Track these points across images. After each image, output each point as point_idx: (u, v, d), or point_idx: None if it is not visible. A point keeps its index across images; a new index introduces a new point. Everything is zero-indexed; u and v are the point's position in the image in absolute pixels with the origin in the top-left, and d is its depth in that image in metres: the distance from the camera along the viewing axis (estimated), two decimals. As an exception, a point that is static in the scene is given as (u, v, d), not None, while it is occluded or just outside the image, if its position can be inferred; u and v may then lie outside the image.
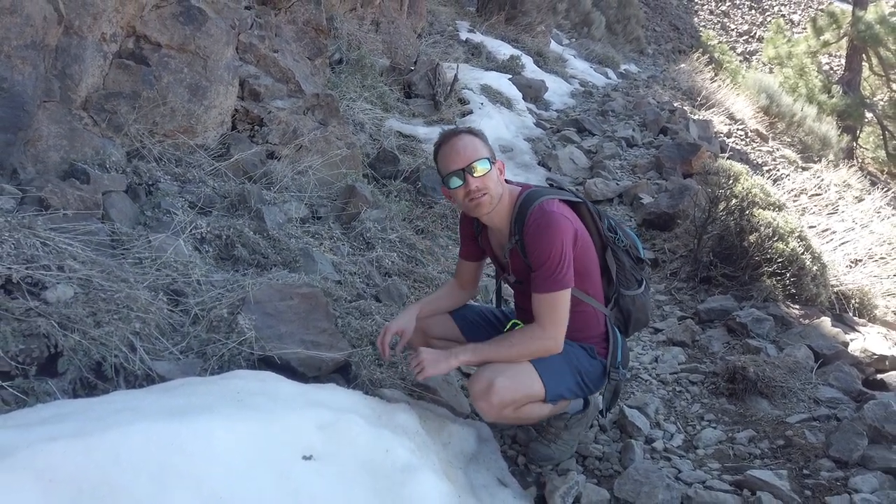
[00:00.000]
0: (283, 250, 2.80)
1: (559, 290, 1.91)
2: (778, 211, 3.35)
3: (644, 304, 2.22)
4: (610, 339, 2.13)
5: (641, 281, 2.21)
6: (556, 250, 1.89)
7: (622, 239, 2.17)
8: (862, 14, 13.77)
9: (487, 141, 2.03)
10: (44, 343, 1.60)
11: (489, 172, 1.96)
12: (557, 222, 1.92)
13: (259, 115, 3.73)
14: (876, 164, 14.47)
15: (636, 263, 2.21)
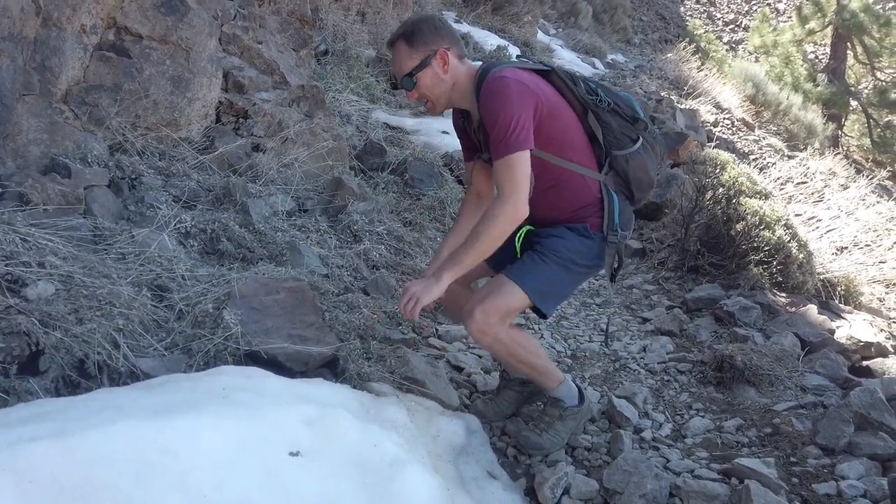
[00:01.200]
0: (270, 244, 2.78)
1: (513, 152, 1.87)
2: (764, 199, 3.37)
3: (642, 163, 2.11)
4: (605, 205, 2.08)
5: (637, 139, 2.11)
6: (505, 113, 1.87)
7: (604, 99, 2.09)
8: (846, 2, 13.84)
9: (424, 33, 1.99)
10: (25, 341, 1.57)
11: (418, 84, 1.99)
12: (507, 86, 1.90)
13: (244, 107, 3.69)
14: (861, 152, 14.58)
15: (631, 123, 2.11)
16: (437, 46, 1.99)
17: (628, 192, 2.14)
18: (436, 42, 2.00)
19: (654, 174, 2.17)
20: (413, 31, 2.00)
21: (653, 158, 2.14)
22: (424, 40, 1.99)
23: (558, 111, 2.01)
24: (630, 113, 2.11)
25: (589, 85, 2.11)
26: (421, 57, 1.98)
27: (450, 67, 2.01)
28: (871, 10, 13.71)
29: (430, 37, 2.00)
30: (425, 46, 1.99)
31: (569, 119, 2.05)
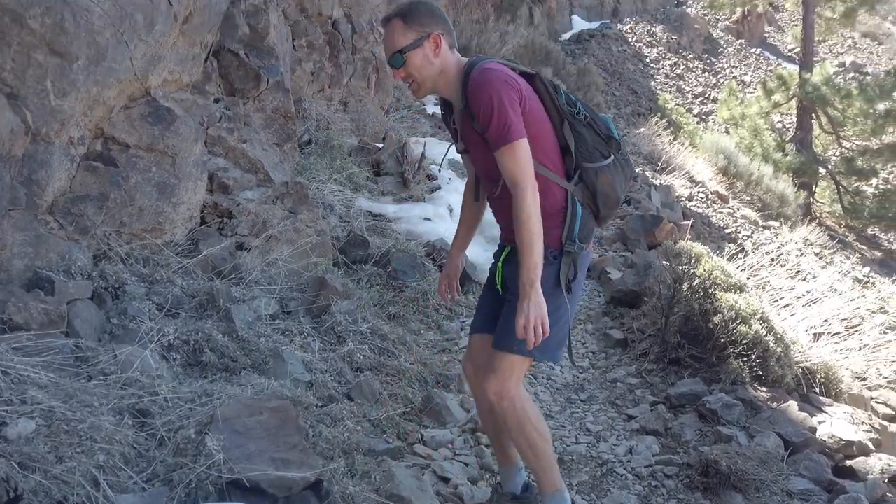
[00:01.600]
0: (253, 351, 2.78)
1: (516, 139, 1.96)
2: (739, 292, 3.45)
3: (611, 179, 2.13)
4: (568, 213, 2.10)
5: (608, 156, 2.14)
6: (496, 101, 1.94)
7: (582, 112, 2.13)
8: (808, 76, 14.50)
9: (418, 15, 2.06)
10: (3, 487, 1.55)
11: (407, 63, 2.03)
12: (495, 77, 1.98)
13: (228, 207, 3.75)
14: (833, 218, 14.97)
15: (605, 140, 2.15)
16: (431, 30, 2.05)
17: (594, 206, 2.16)
18: (431, 26, 2.06)
19: (621, 193, 2.19)
20: (410, 11, 2.06)
21: (621, 177, 2.18)
22: (420, 21, 2.05)
23: (537, 113, 2.08)
24: (605, 131, 2.16)
25: (569, 97, 2.16)
26: (414, 37, 2.04)
27: (441, 52, 2.06)
28: (832, 83, 14.37)
29: (427, 19, 2.06)
30: (420, 27, 2.04)
31: (544, 124, 2.10)
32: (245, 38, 4.67)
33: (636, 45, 20.84)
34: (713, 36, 23.87)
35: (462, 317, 4.22)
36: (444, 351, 3.73)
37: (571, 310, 2.17)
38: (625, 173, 2.20)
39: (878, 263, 13.01)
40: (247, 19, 4.70)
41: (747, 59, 23.21)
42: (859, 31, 27.90)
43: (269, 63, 4.79)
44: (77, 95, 2.74)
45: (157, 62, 3.18)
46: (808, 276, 7.50)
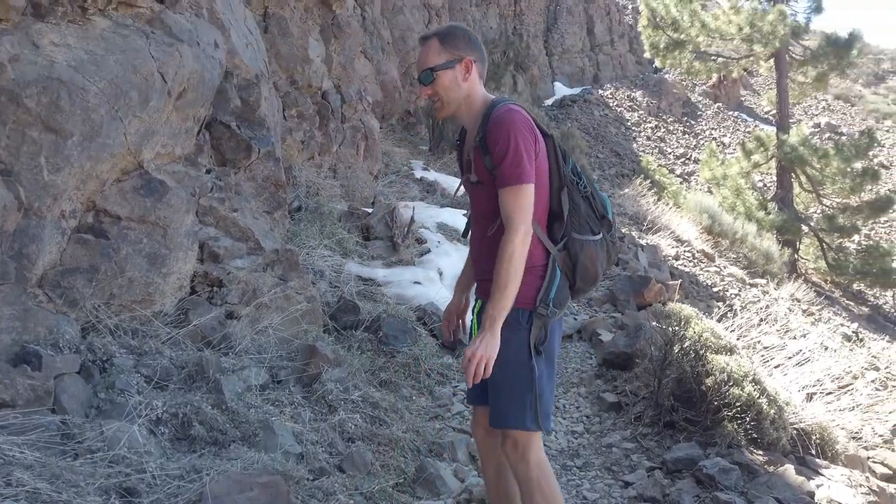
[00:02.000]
0: (242, 423, 2.73)
1: (523, 183, 2.00)
2: (729, 354, 3.46)
3: (594, 255, 2.14)
4: (547, 275, 2.10)
5: (598, 233, 2.17)
6: (515, 141, 1.99)
7: (585, 185, 2.17)
8: (785, 137, 14.93)
9: (455, 40, 2.13)
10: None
11: (438, 80, 2.10)
12: (518, 118, 2.04)
13: (218, 276, 3.76)
14: (819, 275, 15.13)
15: (598, 218, 2.18)
16: (464, 55, 2.13)
17: (572, 277, 2.16)
18: (465, 51, 2.14)
19: (601, 270, 2.21)
20: (449, 34, 2.16)
21: (603, 256, 2.19)
22: (456, 44, 2.13)
23: (542, 170, 2.11)
24: (600, 209, 2.20)
25: (576, 167, 2.21)
26: (448, 58, 2.11)
27: (470, 78, 2.14)
28: (809, 144, 14.79)
29: (462, 44, 2.15)
30: (455, 50, 2.12)
31: (544, 183, 2.13)
32: (237, 111, 4.78)
33: (617, 110, 21.47)
34: (691, 100, 24.68)
35: (454, 381, 4.19)
36: (437, 418, 3.68)
37: (546, 374, 2.14)
38: (609, 254, 2.22)
39: (866, 319, 13.09)
40: (238, 93, 4.82)
41: (725, 122, 23.94)
42: (832, 94, 28.97)
43: (259, 134, 4.90)
44: (70, 170, 2.79)
45: (150, 136, 3.24)
46: (797, 335, 7.52)
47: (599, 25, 25.65)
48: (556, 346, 2.22)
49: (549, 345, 2.13)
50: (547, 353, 2.13)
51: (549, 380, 2.15)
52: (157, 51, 3.25)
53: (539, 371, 2.10)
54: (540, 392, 2.10)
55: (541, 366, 2.11)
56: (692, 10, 15.13)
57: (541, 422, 2.11)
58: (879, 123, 28.03)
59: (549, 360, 2.15)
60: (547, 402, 2.14)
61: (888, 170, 23.34)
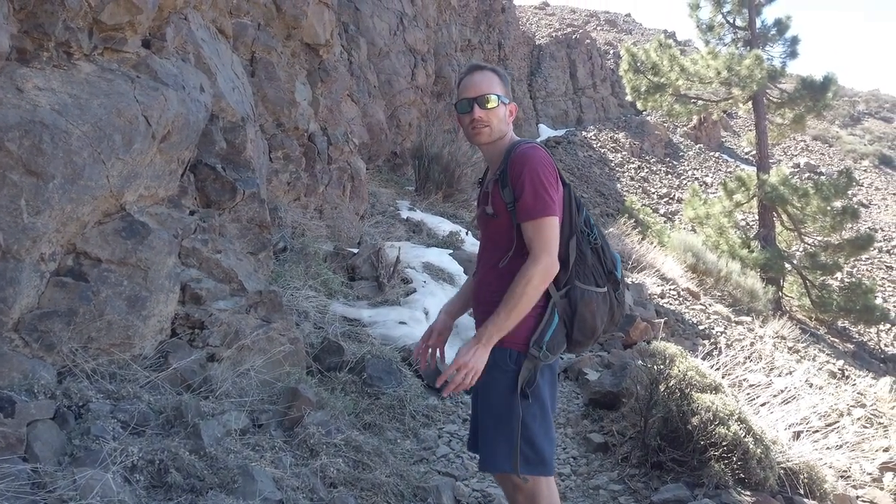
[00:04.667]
0: (221, 469, 2.66)
1: (548, 215, 2.02)
2: (715, 393, 3.45)
3: (594, 308, 2.09)
4: (544, 318, 2.08)
5: (602, 287, 2.15)
6: (539, 176, 2.03)
7: (596, 237, 2.17)
8: (766, 177, 15.20)
9: (508, 83, 2.27)
10: None
11: (496, 108, 2.18)
12: (542, 156, 2.09)
13: (200, 318, 3.71)
14: (803, 312, 15.24)
15: (605, 273, 2.16)
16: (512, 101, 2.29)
17: (570, 325, 2.12)
18: (513, 95, 2.30)
19: (600, 325, 2.16)
20: (505, 76, 2.30)
21: (604, 310, 2.15)
22: (510, 87, 2.30)
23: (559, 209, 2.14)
24: (609, 265, 2.19)
25: (589, 220, 2.22)
26: (507, 94, 2.25)
27: (511, 120, 2.27)
28: (789, 184, 15.06)
29: (510, 90, 2.30)
30: (510, 91, 2.28)
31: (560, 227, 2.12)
32: (222, 153, 4.81)
33: (601, 151, 21.83)
34: (673, 141, 25.17)
35: (439, 423, 4.14)
36: (422, 461, 3.62)
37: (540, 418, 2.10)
38: (612, 311, 2.18)
39: (851, 356, 13.15)
40: (224, 135, 4.86)
41: (707, 162, 24.38)
42: (810, 135, 29.69)
43: (245, 175, 4.92)
44: (51, 213, 2.77)
45: (133, 179, 3.24)
46: (783, 372, 7.53)
47: (582, 70, 26.27)
48: (550, 391, 2.17)
49: (538, 389, 2.10)
50: (537, 396, 2.10)
51: (542, 424, 2.12)
52: (142, 95, 3.28)
53: (530, 414, 2.08)
54: (531, 437, 2.07)
55: (532, 409, 2.08)
56: (671, 55, 15.55)
57: (535, 467, 2.07)
58: (857, 163, 28.71)
59: (541, 403, 2.12)
60: (542, 447, 2.10)
61: (867, 208, 23.80)
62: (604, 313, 2.14)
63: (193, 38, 4.26)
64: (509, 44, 22.54)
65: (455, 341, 6.02)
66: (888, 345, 15.13)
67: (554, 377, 2.21)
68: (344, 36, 12.01)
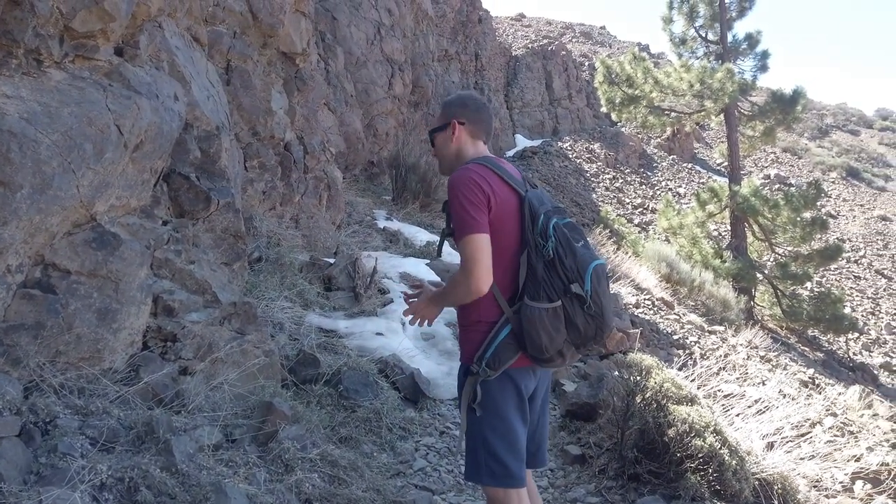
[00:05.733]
0: (193, 486, 2.61)
1: (466, 234, 2.05)
2: (690, 404, 3.47)
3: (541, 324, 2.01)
4: (490, 334, 2.11)
5: (556, 300, 2.04)
6: (458, 199, 2.09)
7: (549, 250, 2.06)
8: (737, 188, 15.44)
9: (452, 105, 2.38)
10: None
11: (435, 141, 2.39)
12: (465, 176, 2.13)
13: (172, 330, 3.64)
14: (774, 321, 15.47)
15: (563, 286, 2.05)
16: (454, 118, 2.33)
17: (521, 342, 2.09)
18: (456, 114, 2.34)
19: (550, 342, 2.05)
20: (447, 102, 2.42)
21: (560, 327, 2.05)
22: (450, 110, 2.37)
23: (505, 225, 2.13)
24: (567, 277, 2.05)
25: (548, 230, 2.09)
26: (442, 122, 2.36)
27: (457, 139, 2.33)
28: (760, 195, 15.31)
29: (455, 109, 2.36)
30: (448, 115, 2.36)
31: (509, 240, 2.13)
32: (196, 162, 4.74)
33: (576, 161, 22.02)
34: (647, 152, 25.49)
35: (416, 436, 4.10)
36: (399, 475, 3.58)
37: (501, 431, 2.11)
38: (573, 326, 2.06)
39: (821, 364, 13.37)
40: (198, 144, 4.79)
41: (680, 173, 24.73)
42: (780, 147, 30.30)
43: (219, 185, 4.85)
44: (18, 224, 2.70)
45: (104, 189, 3.18)
46: (756, 382, 7.62)
47: (557, 81, 26.51)
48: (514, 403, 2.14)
49: (493, 402, 2.11)
50: (492, 410, 2.11)
51: (504, 437, 2.11)
52: (114, 103, 3.22)
53: (489, 427, 2.11)
54: (493, 450, 2.09)
55: (491, 423, 2.11)
56: (645, 68, 15.76)
57: (501, 480, 2.09)
58: (825, 175, 29.34)
59: (501, 417, 2.12)
60: (505, 460, 2.10)
61: (835, 219, 24.32)
62: (553, 329, 2.05)
63: (167, 45, 4.21)
64: (486, 54, 22.68)
65: (432, 352, 6.01)
66: (856, 353, 15.44)
67: (519, 390, 2.17)
68: (321, 45, 11.98)
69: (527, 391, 2.19)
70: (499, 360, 2.09)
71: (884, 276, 20.98)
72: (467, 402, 2.13)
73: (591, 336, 2.10)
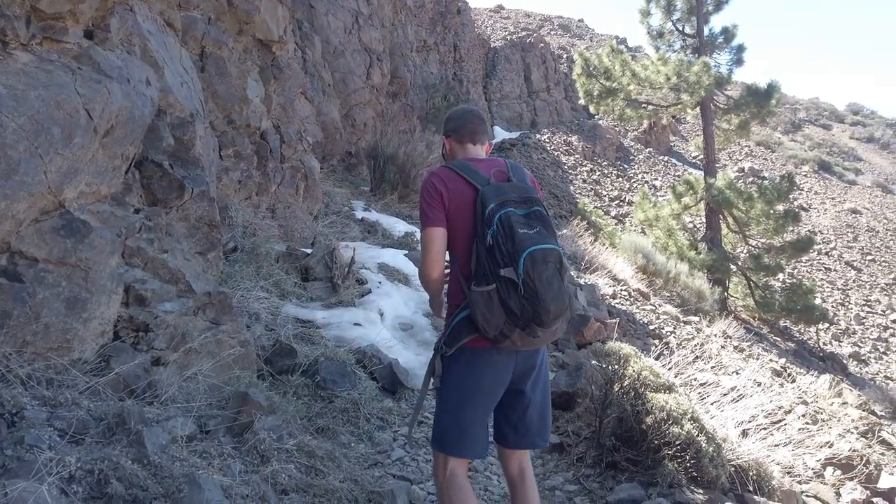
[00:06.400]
0: (166, 478, 2.55)
1: (423, 228, 2.37)
2: (668, 392, 3.49)
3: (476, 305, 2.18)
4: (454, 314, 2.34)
5: (490, 283, 2.17)
6: (420, 198, 2.41)
7: (488, 237, 2.20)
8: (712, 181, 15.60)
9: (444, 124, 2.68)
10: None
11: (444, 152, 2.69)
12: (426, 180, 2.44)
13: (145, 320, 3.57)
14: (747, 312, 15.69)
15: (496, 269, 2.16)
16: (444, 135, 2.68)
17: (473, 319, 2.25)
18: (445, 131, 2.67)
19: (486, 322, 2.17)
20: (445, 119, 2.70)
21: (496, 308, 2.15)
22: (446, 125, 2.68)
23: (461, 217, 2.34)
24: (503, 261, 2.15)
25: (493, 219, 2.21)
26: (443, 134, 2.70)
27: (450, 151, 2.65)
28: (734, 188, 15.48)
29: (444, 127, 2.68)
30: (444, 130, 2.68)
31: (466, 231, 2.33)
32: (170, 149, 4.64)
33: (554, 153, 22.07)
34: (624, 145, 25.65)
35: (394, 426, 4.08)
36: (376, 465, 3.55)
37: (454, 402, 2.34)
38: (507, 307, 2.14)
39: (793, 354, 13.61)
40: (172, 131, 4.69)
41: (657, 166, 24.93)
42: (754, 140, 30.70)
43: (193, 173, 4.76)
44: (-18, 209, 2.61)
45: (73, 175, 3.09)
46: (730, 371, 7.72)
47: (536, 73, 26.53)
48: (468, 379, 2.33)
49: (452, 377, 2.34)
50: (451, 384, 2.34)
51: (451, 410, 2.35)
52: (84, 87, 3.13)
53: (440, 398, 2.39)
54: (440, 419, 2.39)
55: (443, 394, 2.38)
56: (623, 61, 15.81)
57: (435, 443, 2.40)
58: (798, 168, 29.81)
59: (452, 390, 2.34)
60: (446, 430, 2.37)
61: (807, 212, 24.74)
62: (488, 311, 2.17)
63: (139, 30, 4.10)
64: (465, 45, 22.61)
65: (411, 342, 5.98)
66: (826, 343, 15.73)
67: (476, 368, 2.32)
68: (298, 33, 11.82)
69: (490, 371, 2.30)
70: (454, 338, 2.31)
71: (853, 267, 21.41)
72: (429, 375, 2.41)
73: (530, 318, 2.15)
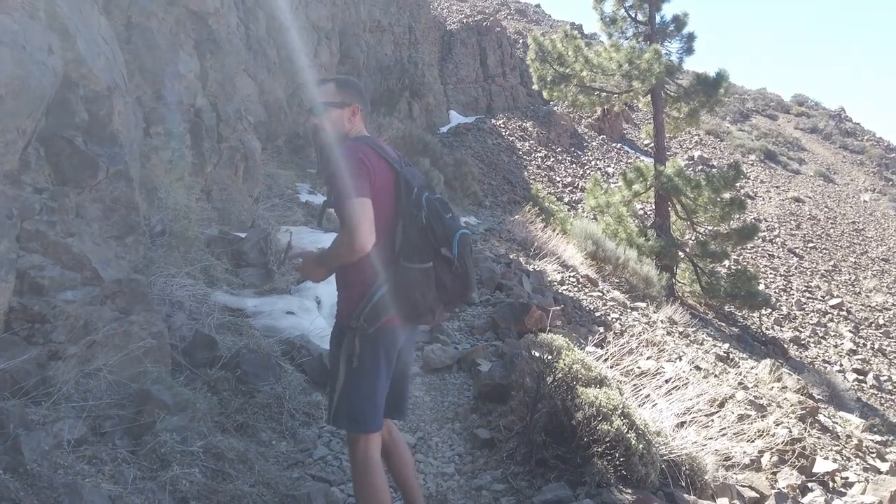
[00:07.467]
0: (44, 488, 2.30)
1: (344, 199, 2.25)
2: (599, 387, 3.38)
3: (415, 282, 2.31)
4: (367, 294, 2.34)
5: (429, 262, 2.35)
6: (339, 168, 2.28)
7: (422, 218, 2.34)
8: (662, 168, 15.73)
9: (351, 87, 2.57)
10: None
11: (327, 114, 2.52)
12: (347, 150, 2.34)
13: (41, 311, 3.27)
14: (694, 298, 15.94)
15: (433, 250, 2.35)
16: (355, 102, 2.55)
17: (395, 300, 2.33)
18: (356, 99, 2.57)
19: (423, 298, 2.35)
20: (345, 82, 2.61)
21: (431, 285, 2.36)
22: (349, 92, 2.57)
23: (382, 197, 2.34)
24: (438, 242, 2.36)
25: (422, 200, 2.38)
26: (341, 98, 2.53)
27: (355, 121, 2.55)
28: (683, 175, 15.63)
29: (353, 92, 2.58)
30: (348, 96, 2.55)
31: (385, 211, 2.34)
32: (83, 125, 4.31)
33: (509, 139, 21.99)
34: (578, 132, 25.74)
35: (321, 422, 3.87)
36: (296, 465, 3.35)
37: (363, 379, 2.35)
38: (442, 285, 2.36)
39: (736, 339, 13.88)
40: (86, 105, 4.36)
41: (609, 153, 25.11)
42: (704, 129, 31.23)
43: (110, 151, 4.44)
44: None
45: (-53, 149, 2.77)
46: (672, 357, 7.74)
47: (492, 57, 26.33)
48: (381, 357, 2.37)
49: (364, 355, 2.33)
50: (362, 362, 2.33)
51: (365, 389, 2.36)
52: (-37, 50, 2.80)
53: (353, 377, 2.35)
54: (354, 398, 2.35)
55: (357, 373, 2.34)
56: (577, 46, 15.73)
57: (355, 425, 2.36)
58: (745, 157, 30.47)
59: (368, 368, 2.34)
60: (361, 408, 2.35)
61: (753, 200, 25.31)
62: (429, 287, 2.36)
63: (44, -8, 3.75)
64: (420, 27, 22.22)
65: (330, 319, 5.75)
66: (769, 328, 16.12)
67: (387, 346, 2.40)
68: (241, 7, 11.31)
69: (394, 348, 2.44)
70: (376, 315, 2.33)
71: (795, 254, 22.01)
72: (347, 354, 2.34)
73: (458, 294, 2.43)
